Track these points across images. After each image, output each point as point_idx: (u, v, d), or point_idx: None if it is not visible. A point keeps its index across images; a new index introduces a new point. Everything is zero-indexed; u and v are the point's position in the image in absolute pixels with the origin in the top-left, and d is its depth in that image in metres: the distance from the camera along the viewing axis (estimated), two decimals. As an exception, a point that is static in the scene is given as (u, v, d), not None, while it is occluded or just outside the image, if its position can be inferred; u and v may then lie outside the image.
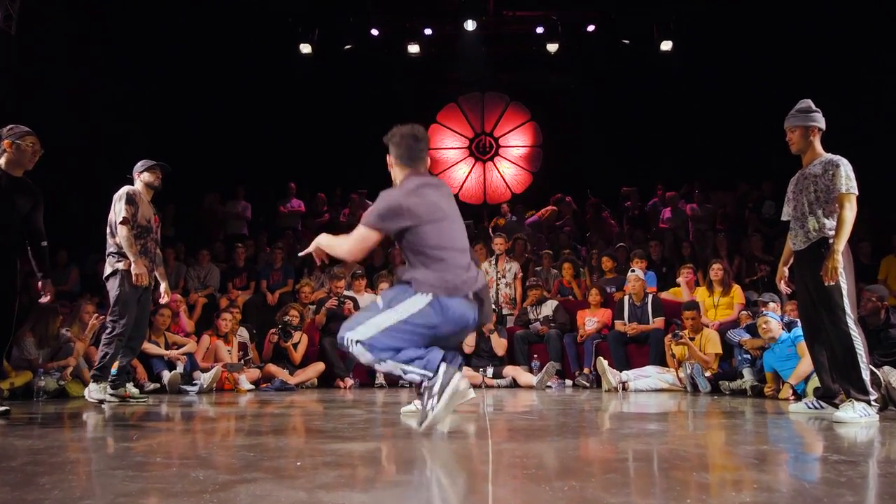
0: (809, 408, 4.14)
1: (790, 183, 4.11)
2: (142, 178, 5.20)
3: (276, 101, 11.83)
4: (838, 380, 3.82)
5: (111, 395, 5.02)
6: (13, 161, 4.22)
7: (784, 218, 4.18)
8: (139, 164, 5.25)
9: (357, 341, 3.07)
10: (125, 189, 5.08)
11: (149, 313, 5.43)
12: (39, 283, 4.39)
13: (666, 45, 10.89)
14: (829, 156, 3.91)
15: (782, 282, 4.29)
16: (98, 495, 1.85)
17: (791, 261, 4.16)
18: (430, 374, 2.99)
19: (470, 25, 10.32)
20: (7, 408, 4.20)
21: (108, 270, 4.99)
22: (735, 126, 10.73)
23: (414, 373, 3.04)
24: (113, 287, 4.96)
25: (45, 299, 4.43)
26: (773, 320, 5.47)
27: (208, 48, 10.78)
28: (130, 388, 5.30)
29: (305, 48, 11.49)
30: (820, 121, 3.97)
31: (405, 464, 2.52)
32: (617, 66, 11.89)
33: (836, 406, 3.86)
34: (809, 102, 4.02)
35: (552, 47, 11.15)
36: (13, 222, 4.25)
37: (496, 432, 3.17)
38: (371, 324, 3.07)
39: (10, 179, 4.23)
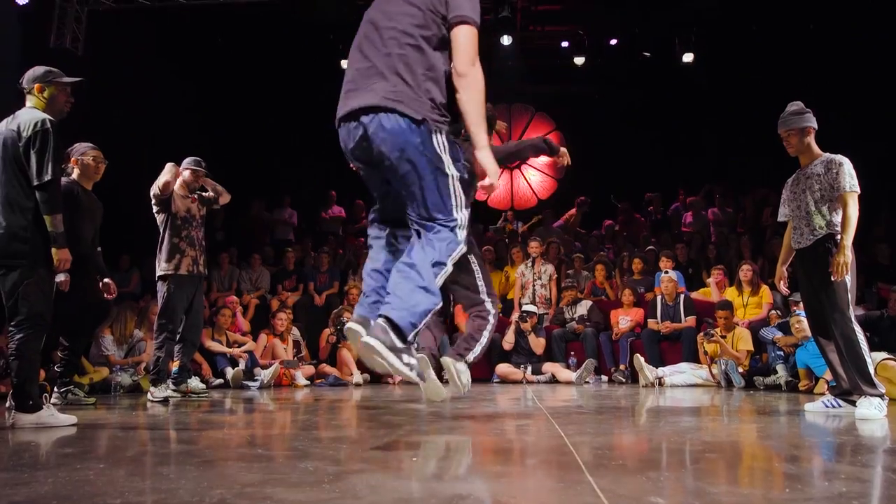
0: (827, 406, 3.86)
1: (787, 184, 4.01)
2: (183, 175, 5.15)
3: (316, 114, 11.87)
4: (849, 375, 3.64)
5: (173, 391, 4.98)
6: (82, 175, 4.43)
7: (781, 219, 4.05)
8: (187, 160, 5.22)
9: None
10: None
11: (202, 309, 5.38)
12: (102, 283, 4.49)
13: (688, 58, 10.77)
14: (830, 155, 3.79)
15: (781, 282, 4.15)
16: (226, 485, 1.87)
17: (790, 260, 4.05)
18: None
19: (506, 40, 10.22)
20: (94, 399, 4.30)
21: (157, 272, 4.95)
22: (752, 133, 10.58)
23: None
24: (160, 290, 4.95)
25: (110, 296, 4.53)
26: (804, 319, 5.37)
27: (257, 63, 10.89)
28: (192, 384, 5.28)
29: (345, 63, 11.50)
30: (813, 121, 3.85)
31: (492, 454, 2.52)
32: (639, 78, 11.78)
33: (854, 404, 3.64)
34: (800, 104, 3.90)
35: (579, 60, 11.06)
36: (91, 232, 4.40)
37: (562, 426, 3.14)
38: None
39: (85, 192, 4.44)
